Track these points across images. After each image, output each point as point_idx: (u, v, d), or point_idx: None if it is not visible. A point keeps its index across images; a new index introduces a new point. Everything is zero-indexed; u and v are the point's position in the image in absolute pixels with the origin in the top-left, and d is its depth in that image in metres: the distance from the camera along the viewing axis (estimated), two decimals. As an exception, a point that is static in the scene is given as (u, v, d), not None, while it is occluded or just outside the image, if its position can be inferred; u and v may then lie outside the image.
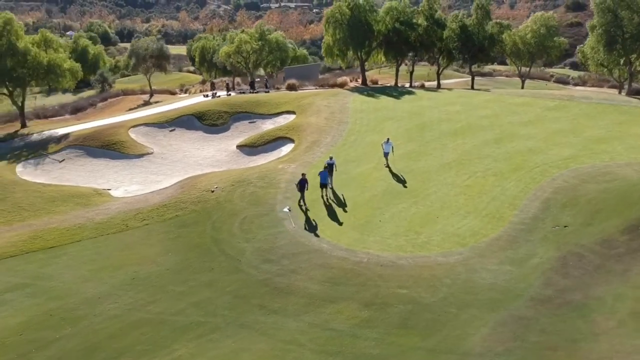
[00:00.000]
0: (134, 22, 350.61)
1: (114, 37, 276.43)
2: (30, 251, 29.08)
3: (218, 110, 53.68)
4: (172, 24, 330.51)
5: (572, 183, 31.14)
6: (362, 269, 24.77)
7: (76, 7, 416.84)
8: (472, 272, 23.92)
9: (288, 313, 22.02)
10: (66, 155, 45.60)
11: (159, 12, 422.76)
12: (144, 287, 24.69)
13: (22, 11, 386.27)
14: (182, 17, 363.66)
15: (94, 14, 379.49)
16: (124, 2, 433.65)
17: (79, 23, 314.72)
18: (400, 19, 69.99)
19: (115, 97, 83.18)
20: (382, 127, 44.68)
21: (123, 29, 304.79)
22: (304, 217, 29.89)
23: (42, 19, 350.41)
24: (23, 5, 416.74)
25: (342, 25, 67.83)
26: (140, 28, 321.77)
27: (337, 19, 67.82)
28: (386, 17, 70.08)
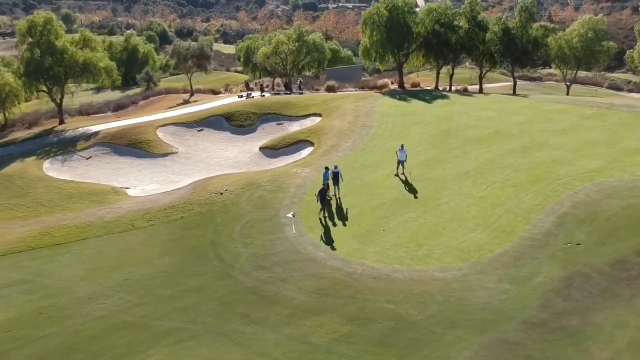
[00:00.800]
0: (194, 22, 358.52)
1: (172, 36, 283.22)
2: (38, 247, 29.62)
3: (247, 111, 53.65)
4: (231, 24, 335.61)
5: (595, 198, 29.29)
6: (353, 281, 23.95)
7: (140, 6, 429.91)
8: (468, 290, 22.71)
9: (269, 324, 21.45)
10: (94, 152, 46.52)
11: (219, 12, 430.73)
12: (134, 290, 24.65)
13: (90, 10, 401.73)
14: (241, 17, 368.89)
15: (156, 13, 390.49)
16: (185, 2, 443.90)
17: (142, 22, 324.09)
18: (440, 21, 68.24)
19: (158, 96, 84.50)
20: (406, 133, 43.50)
21: (183, 29, 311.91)
22: (322, 229, 29.00)
23: (107, 18, 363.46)
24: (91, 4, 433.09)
25: (379, 27, 66.71)
26: (200, 27, 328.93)
27: (374, 21, 66.74)
28: (426, 19, 68.45)
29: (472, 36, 68.47)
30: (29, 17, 56.23)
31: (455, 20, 68.83)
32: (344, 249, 26.74)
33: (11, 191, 38.44)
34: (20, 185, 39.31)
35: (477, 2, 68.53)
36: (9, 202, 36.81)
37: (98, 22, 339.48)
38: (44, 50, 54.00)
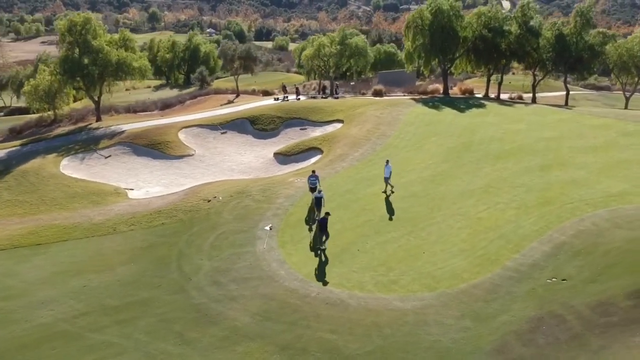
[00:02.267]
0: (275, 22, 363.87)
1: (248, 35, 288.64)
2: (20, 246, 29.79)
3: (272, 115, 52.76)
4: (310, 24, 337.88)
5: (601, 227, 26.21)
6: (304, 304, 22.33)
7: (225, 5, 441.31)
8: (421, 325, 20.58)
9: (200, 346, 20.24)
10: (114, 151, 46.98)
11: (300, 11, 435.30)
12: (86, 297, 24.13)
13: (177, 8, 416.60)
14: (321, 18, 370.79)
15: (240, 13, 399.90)
16: (269, 2, 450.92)
17: (225, 21, 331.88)
18: (490, 26, 64.76)
19: (206, 95, 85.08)
20: (423, 144, 41.12)
21: (262, 28, 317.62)
22: (295, 245, 27.53)
23: (193, 16, 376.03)
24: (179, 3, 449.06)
25: (423, 30, 64.12)
26: (280, 27, 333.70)
27: (417, 24, 64.21)
28: (474, 23, 65.18)
29: (523, 42, 64.53)
30: (69, 16, 57.80)
31: (506, 24, 65.08)
32: (308, 268, 25.13)
33: (22, 187, 39.24)
34: (32, 181, 40.09)
35: (530, 6, 64.44)
36: (16, 198, 37.55)
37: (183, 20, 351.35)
38: (81, 49, 55.25)
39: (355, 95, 72.50)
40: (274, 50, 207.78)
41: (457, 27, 64.49)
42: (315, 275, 24.51)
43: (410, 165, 36.93)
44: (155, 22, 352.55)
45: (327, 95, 64.63)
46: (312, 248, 26.90)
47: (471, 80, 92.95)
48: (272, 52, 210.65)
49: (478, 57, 67.32)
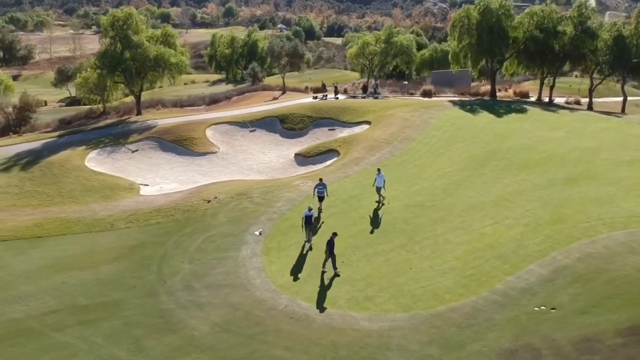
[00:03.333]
0: (349, 18, 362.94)
1: (318, 32, 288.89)
2: (22, 238, 30.34)
3: (302, 114, 51.92)
4: (384, 21, 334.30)
5: (613, 250, 23.81)
6: (268, 317, 21.38)
7: (301, 1, 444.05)
8: (382, 349, 19.17)
9: (151, 355, 19.72)
10: (141, 146, 47.51)
11: (375, 8, 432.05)
12: (61, 295, 24.14)
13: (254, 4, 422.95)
14: (395, 14, 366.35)
15: (314, 8, 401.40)
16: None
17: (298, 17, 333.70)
18: (543, 26, 61.23)
19: (253, 92, 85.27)
20: (445, 150, 39.12)
21: (334, 24, 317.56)
22: (279, 252, 26.63)
23: (268, 12, 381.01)
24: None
25: (469, 30, 61.44)
26: (354, 23, 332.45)
27: (464, 23, 61.57)
28: (525, 23, 61.82)
29: (578, 43, 60.62)
30: (112, 11, 59.01)
31: (560, 24, 61.35)
32: (284, 278, 24.14)
33: (44, 178, 40.21)
34: (55, 173, 41.02)
35: (587, 6, 60.42)
36: (36, 189, 38.48)
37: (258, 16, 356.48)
38: (122, 44, 56.33)
39: (403, 95, 70.58)
40: (342, 47, 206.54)
41: (506, 27, 61.36)
42: (289, 286, 23.46)
43: (426, 172, 35.15)
44: (230, 17, 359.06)
45: (368, 94, 62.99)
46: (296, 257, 25.80)
47: (529, 83, 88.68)
48: (340, 49, 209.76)
49: (529, 59, 63.83)
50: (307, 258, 25.58)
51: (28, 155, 44.74)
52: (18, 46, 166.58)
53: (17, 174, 40.78)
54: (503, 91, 73.93)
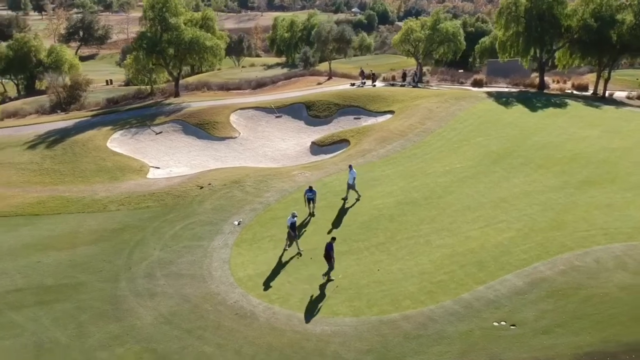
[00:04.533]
0: (429, 3, 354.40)
1: (392, 16, 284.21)
2: (20, 215, 31.17)
3: (329, 101, 50.80)
4: (464, 6, 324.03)
5: (603, 265, 21.81)
6: (213, 312, 20.88)
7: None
8: (315, 354, 18.30)
9: (89, 342, 19.72)
10: (166, 128, 47.94)
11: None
12: (32, 273, 24.57)
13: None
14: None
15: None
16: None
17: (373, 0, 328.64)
18: (599, 14, 56.88)
19: (301, 77, 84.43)
20: (462, 145, 37.07)
21: (412, 9, 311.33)
22: (251, 245, 25.98)
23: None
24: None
25: (517, 17, 57.97)
26: (433, 8, 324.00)
27: (511, 11, 58.12)
28: (580, 11, 57.64)
29: (638, 33, 55.94)
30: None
31: (619, 13, 56.81)
32: (245, 272, 23.51)
33: (65, 156, 41.25)
34: (76, 152, 42.01)
35: (649, -7, 55.59)
36: (53, 167, 39.52)
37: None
38: (161, 27, 56.95)
39: (452, 84, 67.99)
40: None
41: (558, 15, 57.44)
42: (247, 280, 22.77)
43: (432, 167, 33.42)
44: (307, 1, 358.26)
45: (408, 83, 60.92)
46: (268, 250, 25.05)
47: (591, 75, 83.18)
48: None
49: (584, 50, 59.56)
50: (276, 253, 24.72)
51: (57, 133, 46.02)
52: (96, 26, 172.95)
53: (41, 152, 42.03)
54: (561, 83, 69.66)
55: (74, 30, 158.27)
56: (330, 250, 22.25)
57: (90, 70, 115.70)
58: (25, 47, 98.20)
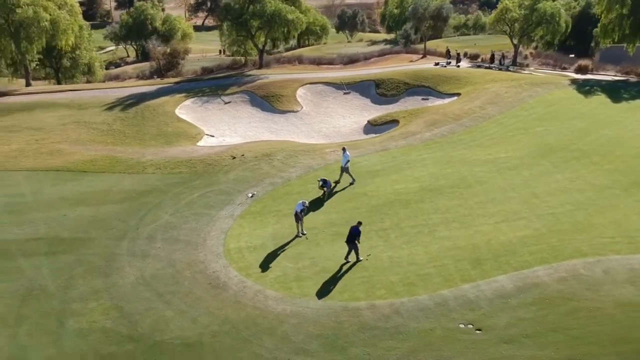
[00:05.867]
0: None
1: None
2: (72, 170, 33.58)
3: (399, 80, 49.39)
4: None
5: (610, 277, 19.85)
6: (189, 279, 21.64)
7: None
8: (265, 333, 18.27)
9: (68, 295, 20.83)
10: (235, 98, 49.09)
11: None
12: (54, 226, 26.41)
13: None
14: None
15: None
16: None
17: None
18: None
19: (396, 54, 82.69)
20: (515, 135, 34.64)
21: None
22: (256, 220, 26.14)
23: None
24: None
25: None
26: None
27: (615, -9, 52.71)
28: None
29: None
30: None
31: None
32: (238, 244, 23.90)
33: (134, 119, 43.64)
34: (146, 116, 44.32)
35: None
36: (120, 128, 41.97)
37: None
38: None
39: (554, 69, 63.34)
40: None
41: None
42: (235, 252, 23.10)
43: (474, 155, 31.63)
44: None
45: (494, 65, 57.65)
46: (271, 226, 25.20)
47: None
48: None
49: None
50: (277, 228, 24.72)
51: (136, 97, 48.67)
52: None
53: (115, 114, 44.77)
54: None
55: (202, 1, 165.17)
56: (356, 234, 21.52)
57: (209, 40, 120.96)
58: (142, 15, 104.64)
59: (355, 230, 21.71)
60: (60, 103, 48.00)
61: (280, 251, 22.96)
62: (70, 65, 65.76)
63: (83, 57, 66.38)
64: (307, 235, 23.96)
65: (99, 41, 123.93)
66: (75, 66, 66.43)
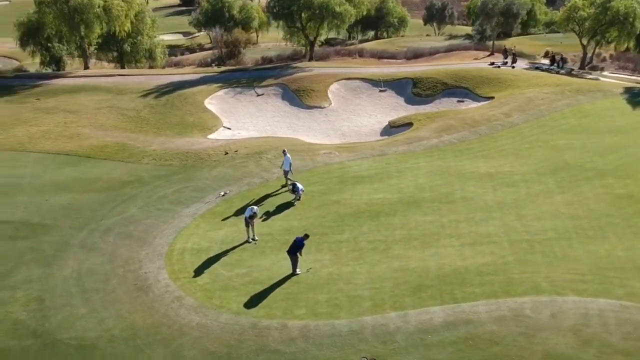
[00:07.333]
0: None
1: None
2: (78, 155, 34.38)
3: (437, 80, 46.85)
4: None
5: (557, 323, 17.80)
6: (120, 278, 21.46)
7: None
8: (163, 343, 17.66)
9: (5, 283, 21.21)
10: (268, 91, 48.55)
11: None
12: (32, 209, 27.02)
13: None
14: None
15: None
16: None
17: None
18: None
19: (463, 50, 79.19)
20: (534, 146, 31.71)
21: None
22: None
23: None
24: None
25: None
26: None
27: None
28: None
29: None
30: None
31: None
32: (186, 244, 23.51)
33: (163, 107, 44.19)
34: (175, 104, 44.81)
35: None
36: (145, 116, 42.61)
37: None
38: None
39: (632, 74, 58.16)
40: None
41: None
42: (177, 254, 22.68)
43: (475, 167, 29.45)
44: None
45: (552, 67, 53.46)
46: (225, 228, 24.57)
47: None
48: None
49: None
50: (232, 230, 24.02)
51: (174, 85, 49.34)
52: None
53: (148, 101, 45.66)
54: None
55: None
56: (299, 246, 20.62)
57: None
58: (220, 2, 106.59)
59: (299, 242, 20.60)
60: (103, 87, 49.54)
61: (222, 256, 22.25)
62: (131, 50, 67.76)
63: (144, 43, 68.20)
64: (257, 241, 22.94)
65: (185, 27, 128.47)
66: (136, 51, 68.40)
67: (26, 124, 40.16)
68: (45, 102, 46.37)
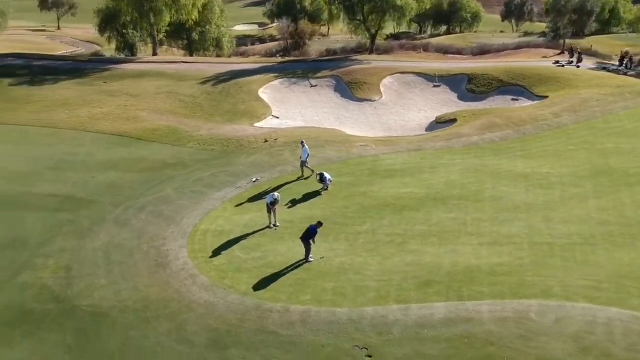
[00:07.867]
0: None
1: None
2: (130, 137, 36.19)
3: (493, 77, 45.72)
4: None
5: (560, 328, 17.48)
6: (144, 254, 22.55)
7: None
8: (159, 315, 18.64)
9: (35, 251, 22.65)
10: (322, 82, 48.96)
11: None
12: (80, 185, 28.77)
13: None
14: None
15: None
16: None
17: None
18: None
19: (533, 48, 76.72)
20: (579, 148, 30.52)
21: None
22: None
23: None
24: None
25: None
26: None
27: None
28: None
29: None
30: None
31: None
32: (211, 226, 24.40)
33: (219, 95, 45.53)
34: (230, 92, 46.10)
35: None
36: (200, 102, 44.02)
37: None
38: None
39: None
40: None
41: None
42: (202, 234, 23.63)
43: (512, 167, 28.81)
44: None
45: (620, 68, 51.02)
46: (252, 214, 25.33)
47: None
48: None
49: None
50: (256, 216, 24.72)
51: (233, 74, 50.68)
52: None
53: (205, 88, 47.28)
54: None
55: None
56: (313, 233, 21.11)
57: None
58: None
59: (312, 230, 21.05)
60: (166, 73, 51.65)
61: (242, 240, 22.94)
62: (199, 39, 70.03)
63: (212, 32, 70.31)
64: (278, 227, 23.57)
65: (260, 18, 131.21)
66: (204, 40, 70.63)
67: (90, 105, 42.57)
68: (111, 85, 48.86)
